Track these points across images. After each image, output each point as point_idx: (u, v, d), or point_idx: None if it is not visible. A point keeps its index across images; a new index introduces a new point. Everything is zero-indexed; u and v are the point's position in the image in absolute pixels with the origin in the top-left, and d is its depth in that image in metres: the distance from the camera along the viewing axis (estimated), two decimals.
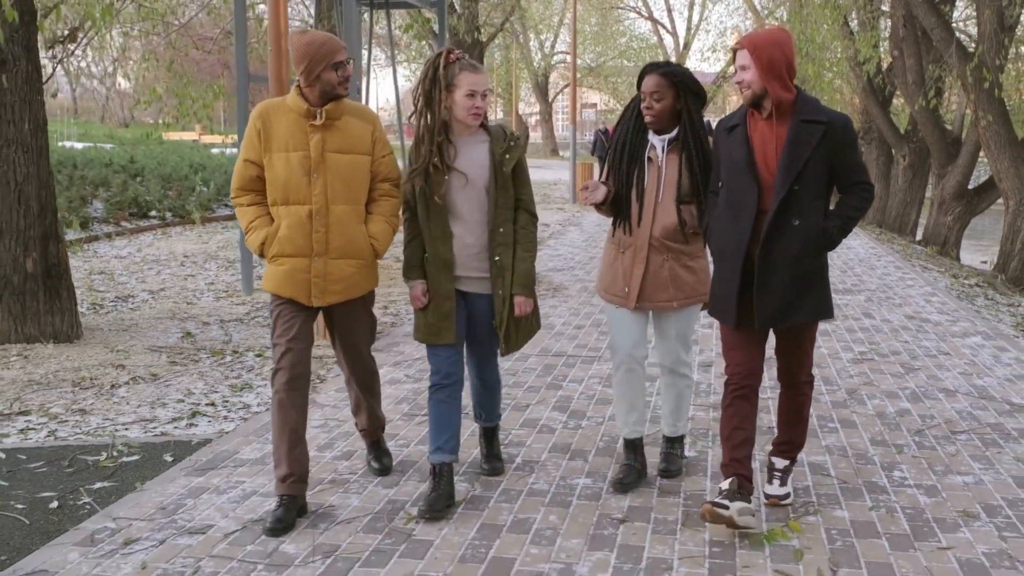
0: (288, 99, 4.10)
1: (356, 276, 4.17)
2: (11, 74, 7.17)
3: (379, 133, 4.21)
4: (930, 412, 5.74)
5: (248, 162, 4.11)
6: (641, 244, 4.35)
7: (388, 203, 4.24)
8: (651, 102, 4.26)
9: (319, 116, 4.03)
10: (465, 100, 4.07)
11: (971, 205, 18.97)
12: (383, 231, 4.21)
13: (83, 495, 4.48)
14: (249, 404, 5.95)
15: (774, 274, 3.94)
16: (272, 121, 4.08)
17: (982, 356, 7.20)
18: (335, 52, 4.02)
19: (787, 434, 4.34)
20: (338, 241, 4.09)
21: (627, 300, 4.38)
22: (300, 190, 4.04)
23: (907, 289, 10.44)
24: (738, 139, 3.99)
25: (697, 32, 51.11)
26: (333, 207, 4.07)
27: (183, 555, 3.79)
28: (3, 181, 7.26)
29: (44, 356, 7.05)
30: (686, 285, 4.39)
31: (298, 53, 4.01)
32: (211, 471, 4.74)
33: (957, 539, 3.96)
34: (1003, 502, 4.35)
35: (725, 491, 3.96)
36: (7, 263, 7.30)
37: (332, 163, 4.05)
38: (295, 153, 4.03)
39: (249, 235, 4.14)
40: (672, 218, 4.31)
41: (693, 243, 4.40)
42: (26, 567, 3.72)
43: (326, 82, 4.02)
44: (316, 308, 4.19)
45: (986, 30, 15.05)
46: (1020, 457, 4.95)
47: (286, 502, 4.09)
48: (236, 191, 4.18)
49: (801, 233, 3.91)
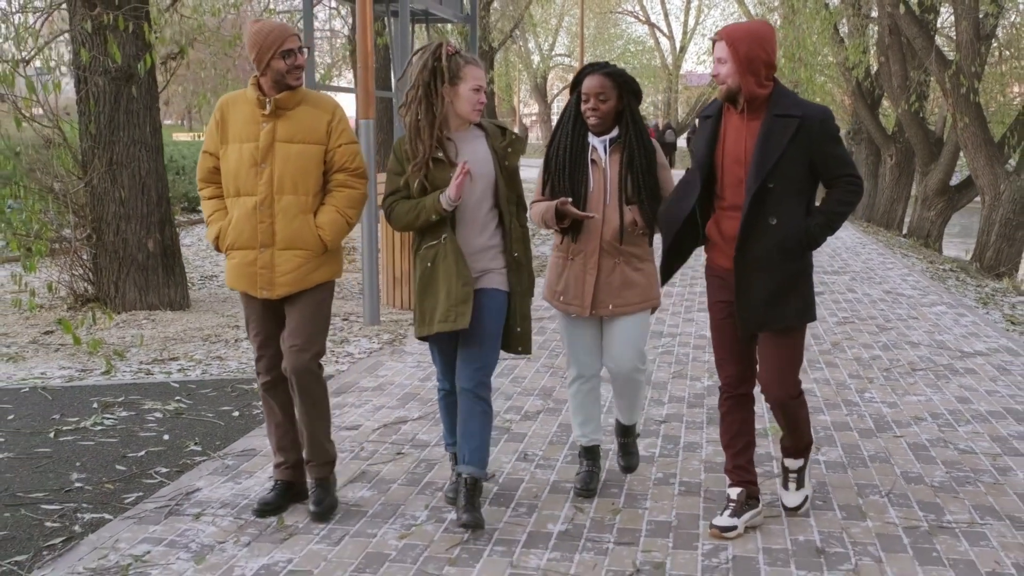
0: (246, 90, 4.06)
1: (304, 267, 4.05)
2: (137, 86, 8.61)
3: (337, 122, 4.08)
4: (897, 357, 7.22)
5: (206, 154, 4.12)
6: (592, 250, 4.22)
7: (342, 194, 4.10)
8: (596, 103, 4.12)
9: (267, 105, 3.97)
10: (471, 94, 3.95)
11: (953, 201, 20.42)
12: (332, 221, 4.06)
13: (254, 408, 5.92)
14: (351, 352, 7.41)
15: (754, 276, 3.79)
16: (230, 112, 4.05)
17: (944, 320, 8.69)
18: (283, 40, 3.93)
19: (789, 439, 4.17)
20: (283, 232, 4.00)
21: (582, 308, 4.25)
22: (249, 181, 3.99)
23: (887, 271, 11.95)
24: (706, 132, 3.89)
25: (693, 36, 52.44)
26: (279, 197, 3.99)
27: (348, 442, 5.24)
28: (131, 175, 8.71)
29: (167, 320, 8.51)
30: (637, 288, 4.27)
31: (249, 42, 3.95)
32: (344, 394, 6.19)
33: (908, 431, 5.43)
34: (945, 411, 5.82)
35: (733, 503, 4.00)
36: (133, 244, 8.75)
37: (280, 153, 3.97)
38: (247, 144, 3.99)
39: (208, 228, 4.17)
40: (620, 220, 4.21)
41: (641, 245, 4.29)
42: (236, 448, 5.17)
43: (276, 71, 3.94)
44: (278, 303, 4.13)
45: (963, 39, 16.51)
46: (963, 385, 6.42)
47: (277, 486, 4.27)
48: (199, 183, 4.20)
49: (780, 233, 3.75)
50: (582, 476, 4.49)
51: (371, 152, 7.95)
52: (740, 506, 3.98)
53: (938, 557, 3.81)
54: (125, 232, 8.70)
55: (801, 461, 4.20)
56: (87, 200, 8.71)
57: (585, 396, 4.42)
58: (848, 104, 27.33)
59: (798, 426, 4.10)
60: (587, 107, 4.14)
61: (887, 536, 4.01)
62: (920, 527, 4.10)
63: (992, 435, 5.33)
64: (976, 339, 7.85)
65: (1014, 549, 3.88)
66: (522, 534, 4.03)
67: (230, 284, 4.16)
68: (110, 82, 8.49)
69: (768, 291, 3.79)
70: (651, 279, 4.30)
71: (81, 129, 8.72)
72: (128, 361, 7.12)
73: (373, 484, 4.60)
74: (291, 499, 4.26)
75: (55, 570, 3.72)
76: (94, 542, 3.96)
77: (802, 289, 3.85)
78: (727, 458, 4.09)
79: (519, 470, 4.80)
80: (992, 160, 16.49)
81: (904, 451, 5.09)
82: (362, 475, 4.72)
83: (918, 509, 4.29)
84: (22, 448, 5.17)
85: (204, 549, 3.88)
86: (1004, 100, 22.04)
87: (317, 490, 4.22)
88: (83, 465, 4.92)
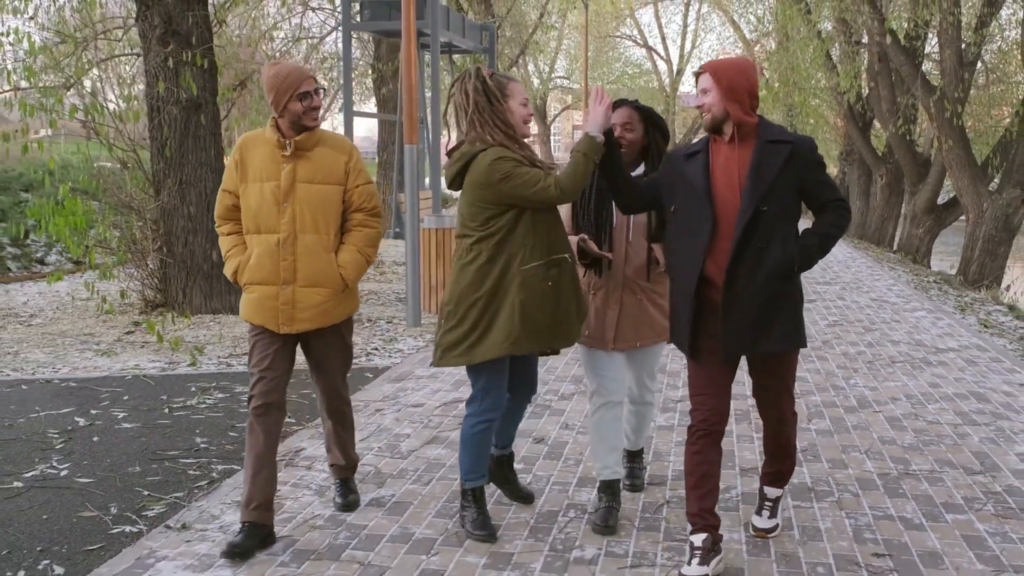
0: (265, 131, 4.17)
1: (325, 304, 4.18)
2: (205, 114, 9.67)
3: (354, 163, 4.22)
4: (879, 352, 8.26)
5: (225, 192, 4.22)
6: (614, 285, 4.31)
7: (361, 233, 4.25)
8: (623, 132, 4.24)
9: (288, 147, 4.08)
10: (520, 108, 4.04)
11: (940, 218, 21.49)
12: (353, 260, 4.21)
13: None
14: (402, 349, 8.43)
15: (740, 299, 3.77)
16: (249, 152, 4.15)
17: (923, 323, 9.75)
18: (300, 83, 4.04)
19: (775, 464, 4.21)
20: (306, 270, 4.12)
21: (604, 343, 4.34)
22: (270, 219, 4.10)
23: (875, 281, 13.02)
24: (698, 166, 3.86)
25: (690, 59, 53.69)
26: (301, 236, 4.10)
27: (417, 415, 6.25)
28: (198, 193, 9.76)
29: (231, 322, 9.55)
30: (657, 323, 4.39)
31: (267, 85, 4.06)
32: (403, 381, 7.21)
33: (885, 408, 6.47)
34: (918, 393, 6.86)
35: (699, 550, 3.85)
36: (199, 255, 9.79)
37: (302, 193, 4.09)
38: (268, 183, 4.09)
39: (226, 263, 4.26)
40: (643, 257, 4.30)
41: (664, 281, 4.40)
42: None
43: (293, 112, 4.04)
44: (294, 337, 4.26)
45: (947, 67, 17.62)
46: (935, 374, 7.46)
47: (246, 528, 4.10)
48: (217, 219, 4.29)
49: (768, 256, 3.76)
50: (601, 512, 4.36)
51: (415, 171, 9.00)
52: (707, 553, 3.85)
53: (903, 493, 4.83)
54: (192, 244, 9.74)
55: (780, 491, 4.26)
56: (159, 215, 9.75)
57: (610, 424, 4.38)
58: (840, 126, 28.50)
59: (787, 446, 4.14)
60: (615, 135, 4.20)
61: (864, 479, 5.03)
62: (891, 473, 5.13)
63: (955, 411, 6.37)
64: (950, 338, 8.90)
65: (964, 488, 4.91)
66: (573, 478, 5.06)
67: (247, 317, 4.21)
68: (181, 111, 9.55)
69: (755, 314, 3.78)
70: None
71: (153, 152, 9.78)
72: (208, 356, 8.14)
73: (446, 444, 5.63)
74: (260, 544, 4.12)
75: (209, 501, 4.73)
76: (232, 484, 4.98)
77: (789, 313, 3.84)
78: (690, 501, 3.90)
79: (564, 435, 5.82)
80: (975, 180, 17.55)
81: (881, 422, 6.12)
82: (435, 439, 5.73)
83: (890, 461, 5.32)
84: (145, 421, 6.18)
85: (322, 488, 4.90)
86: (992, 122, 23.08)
87: (343, 488, 4.63)
88: (202, 432, 5.94)
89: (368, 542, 4.21)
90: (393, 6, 12.86)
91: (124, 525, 4.46)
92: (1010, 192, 16.93)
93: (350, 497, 4.58)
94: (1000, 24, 20.80)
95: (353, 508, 4.56)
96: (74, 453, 5.50)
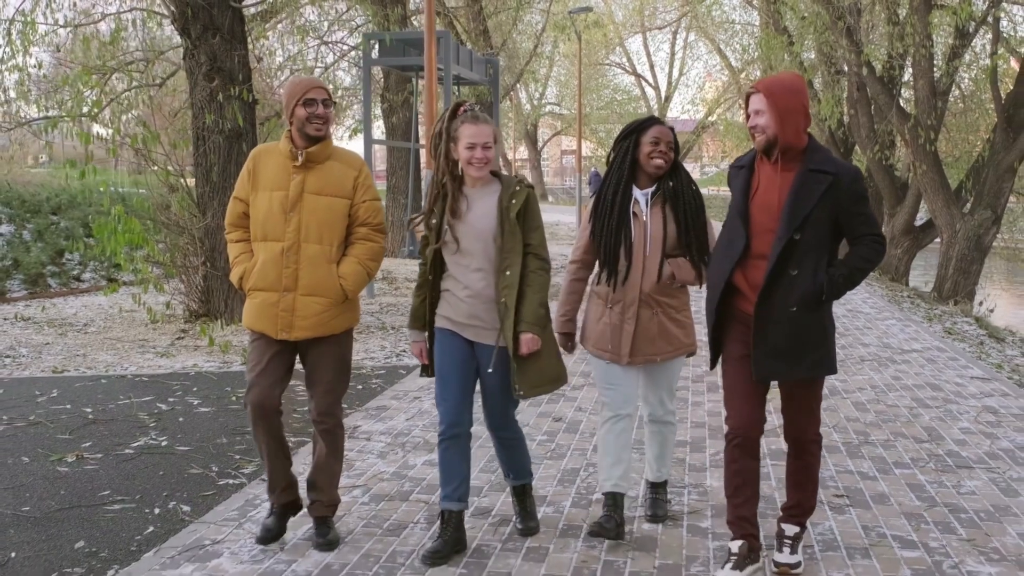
0: (280, 142, 4.28)
1: (325, 314, 4.24)
2: (245, 142, 10.73)
3: (363, 179, 4.29)
4: (851, 353, 9.33)
5: (236, 200, 4.32)
6: (631, 300, 4.35)
7: (364, 247, 4.31)
8: (666, 148, 4.30)
9: (299, 157, 4.17)
10: (464, 152, 4.09)
11: (917, 239, 22.56)
12: (354, 272, 4.27)
13: (372, 383, 7.96)
14: None
15: (772, 325, 3.81)
16: (261, 162, 4.26)
17: (892, 330, 10.84)
18: (307, 89, 4.15)
19: (796, 496, 4.17)
20: (308, 278, 4.19)
21: (619, 357, 4.38)
22: (276, 227, 4.17)
23: (851, 295, 14.13)
24: (741, 182, 3.91)
25: (677, 86, 55.06)
26: (305, 245, 4.18)
27: None
28: None
29: None
30: (675, 338, 4.41)
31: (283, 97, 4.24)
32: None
33: (852, 395, 7.53)
34: (881, 384, 7.92)
35: (735, 556, 3.94)
36: None
37: (308, 203, 4.17)
38: (277, 192, 4.18)
39: (232, 269, 4.36)
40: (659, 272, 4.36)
41: (681, 296, 4.45)
42: (372, 406, 7.20)
43: (298, 118, 4.13)
44: (291, 346, 4.31)
45: (921, 96, 18.76)
46: (899, 369, 8.53)
47: (277, 511, 4.49)
48: (227, 226, 4.40)
49: (799, 284, 3.78)
50: (600, 520, 4.34)
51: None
52: (742, 559, 3.92)
53: (862, 456, 5.88)
54: None
55: (799, 528, 4.15)
56: (203, 234, 10.78)
57: (617, 436, 4.40)
58: None
59: (810, 477, 4.13)
60: (656, 150, 4.30)
61: (828, 445, 6.08)
62: (852, 442, 6.18)
63: (913, 397, 7.44)
64: (915, 342, 9.99)
65: (912, 451, 5.97)
66: (588, 446, 6.10)
67: (248, 324, 4.30)
68: (224, 140, 10.60)
69: (784, 342, 3.81)
70: (688, 327, 4.48)
71: (199, 177, 10.82)
72: None
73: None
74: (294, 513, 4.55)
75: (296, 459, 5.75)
76: (307, 451, 6.00)
77: (818, 341, 3.85)
78: (729, 508, 4.00)
79: (578, 416, 6.86)
80: (948, 203, 18.63)
81: (848, 406, 7.18)
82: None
83: (852, 433, 6.38)
84: (218, 406, 7.20)
85: (387, 448, 5.92)
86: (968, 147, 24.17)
87: (321, 527, 4.43)
88: None
89: (429, 489, 5.24)
90: (409, 43, 14.04)
91: (227, 479, 5.50)
92: (981, 214, 17.99)
93: (330, 535, 4.43)
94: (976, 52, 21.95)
95: (334, 546, 4.40)
96: (167, 429, 6.53)
